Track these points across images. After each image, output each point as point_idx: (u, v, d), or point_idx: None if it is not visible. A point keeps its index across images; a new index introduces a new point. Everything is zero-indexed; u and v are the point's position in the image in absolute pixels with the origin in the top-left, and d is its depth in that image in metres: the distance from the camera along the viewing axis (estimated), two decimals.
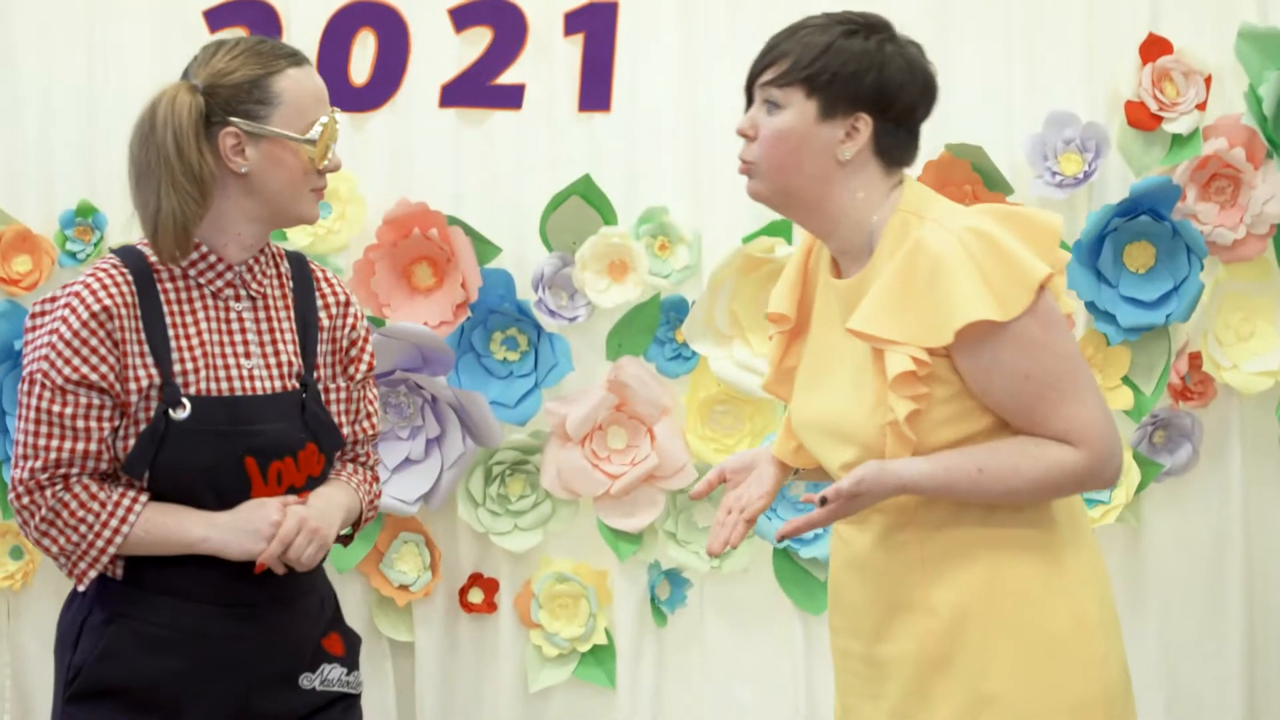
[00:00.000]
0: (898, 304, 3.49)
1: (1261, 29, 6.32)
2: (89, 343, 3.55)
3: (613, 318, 6.45)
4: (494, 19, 6.45)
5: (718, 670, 6.58)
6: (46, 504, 3.58)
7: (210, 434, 3.60)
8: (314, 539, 3.63)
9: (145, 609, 3.64)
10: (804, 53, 3.64)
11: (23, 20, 6.36)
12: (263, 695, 3.71)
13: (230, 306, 3.70)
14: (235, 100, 3.65)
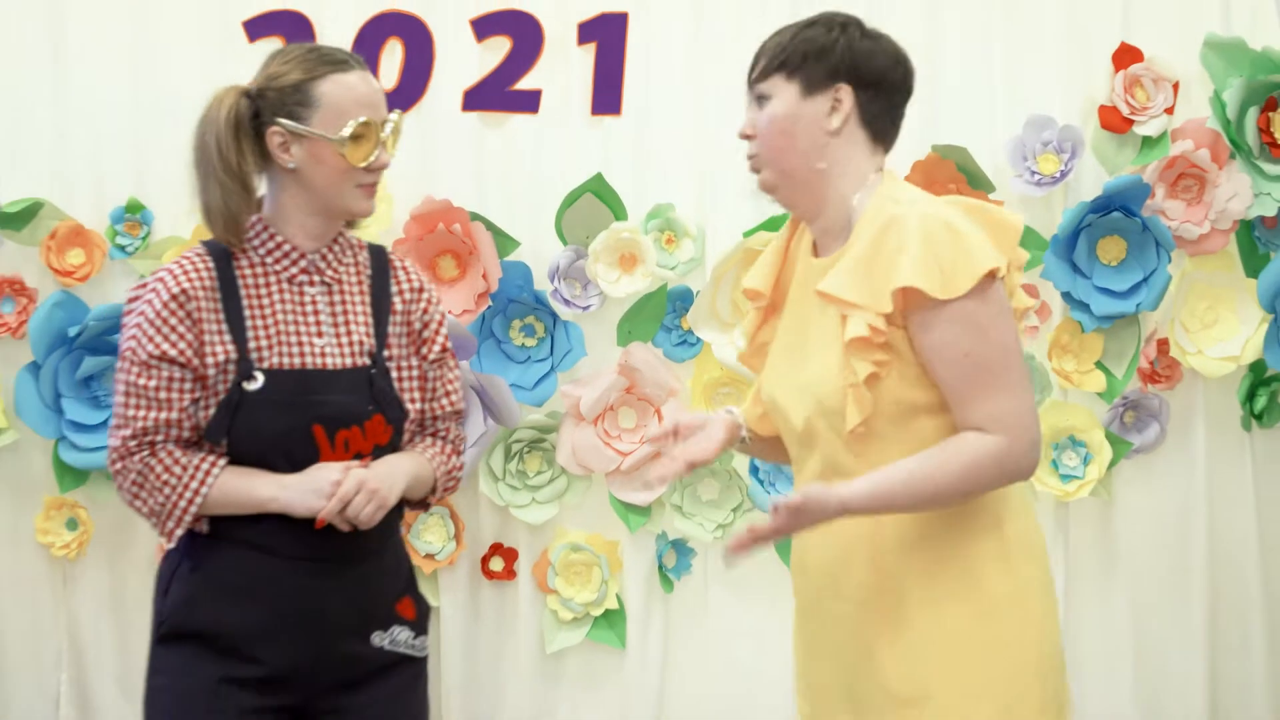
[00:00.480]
0: (863, 272, 3.55)
1: (1225, 39, 6.42)
2: (169, 322, 3.65)
3: (623, 306, 6.56)
4: (512, 29, 6.54)
5: (720, 631, 6.70)
6: (136, 469, 3.67)
7: (281, 404, 3.69)
8: (373, 499, 3.67)
9: (227, 561, 3.72)
10: (775, 46, 3.77)
11: (74, 29, 6.45)
12: (334, 646, 3.77)
13: (305, 290, 3.78)
14: (281, 102, 3.74)
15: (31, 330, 6.37)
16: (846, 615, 3.66)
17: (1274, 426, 6.65)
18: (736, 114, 6.39)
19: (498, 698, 6.74)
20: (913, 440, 3.58)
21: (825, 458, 3.67)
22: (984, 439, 3.49)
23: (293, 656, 3.73)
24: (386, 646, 3.82)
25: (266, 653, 3.71)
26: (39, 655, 6.64)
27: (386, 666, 3.85)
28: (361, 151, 3.76)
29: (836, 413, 3.58)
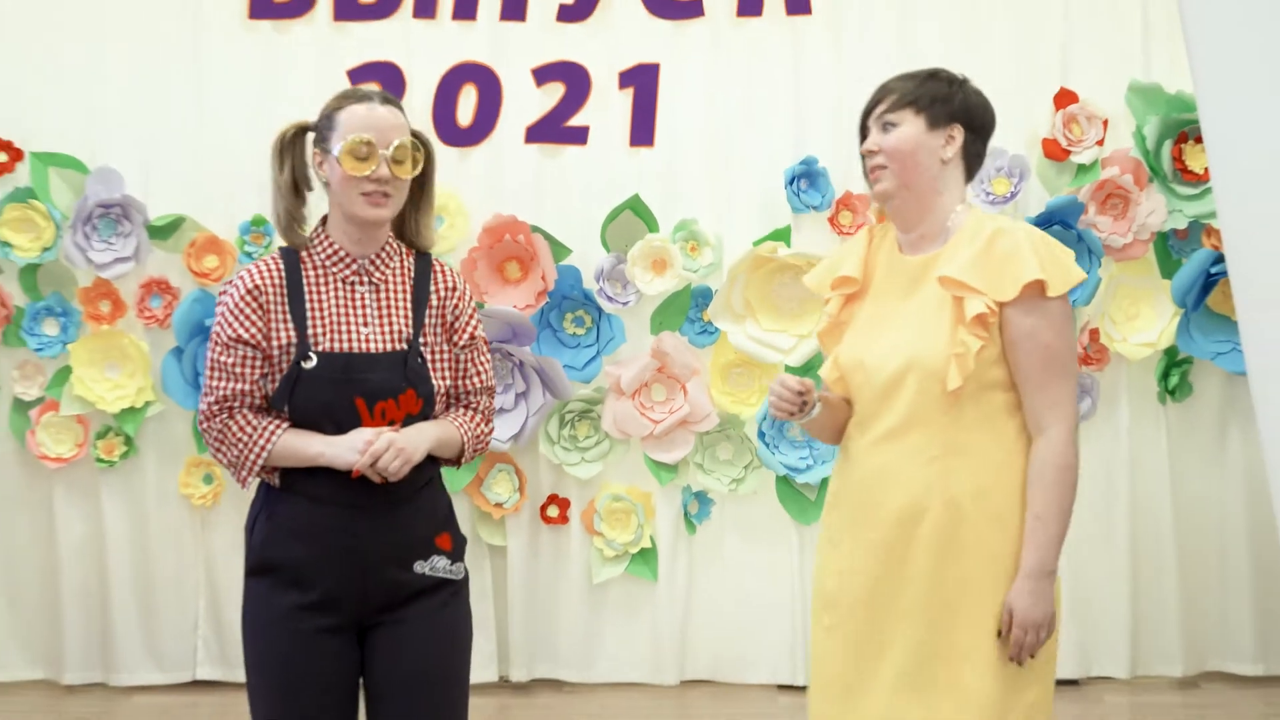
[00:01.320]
0: (980, 267, 3.76)
1: (1145, 84, 6.84)
2: (244, 311, 3.86)
3: (655, 302, 7.02)
4: (566, 76, 6.99)
5: (734, 567, 7.15)
6: (217, 428, 3.89)
7: (330, 380, 3.87)
8: (399, 455, 3.81)
9: (291, 508, 3.91)
10: (905, 89, 3.97)
11: (212, 76, 6.92)
12: (377, 574, 3.91)
13: (355, 289, 3.93)
14: (320, 129, 3.97)
15: (175, 322, 6.81)
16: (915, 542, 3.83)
17: (1184, 400, 7.02)
18: (748, 146, 6.99)
19: (554, 619, 7.15)
20: (985, 406, 3.83)
21: (907, 411, 3.85)
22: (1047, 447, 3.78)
23: (342, 584, 3.89)
24: (427, 572, 3.95)
25: (323, 581, 3.88)
26: (181, 586, 7.07)
27: (429, 588, 3.97)
28: (361, 165, 3.86)
29: (933, 374, 3.79)
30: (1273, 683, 7.09)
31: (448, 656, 4.03)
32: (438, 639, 3.99)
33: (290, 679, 3.88)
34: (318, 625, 3.88)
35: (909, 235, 3.97)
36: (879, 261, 4.04)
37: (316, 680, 3.90)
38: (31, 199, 6.87)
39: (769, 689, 7.16)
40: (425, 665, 3.96)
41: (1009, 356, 3.81)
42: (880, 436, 3.89)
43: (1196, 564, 7.15)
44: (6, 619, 7.18)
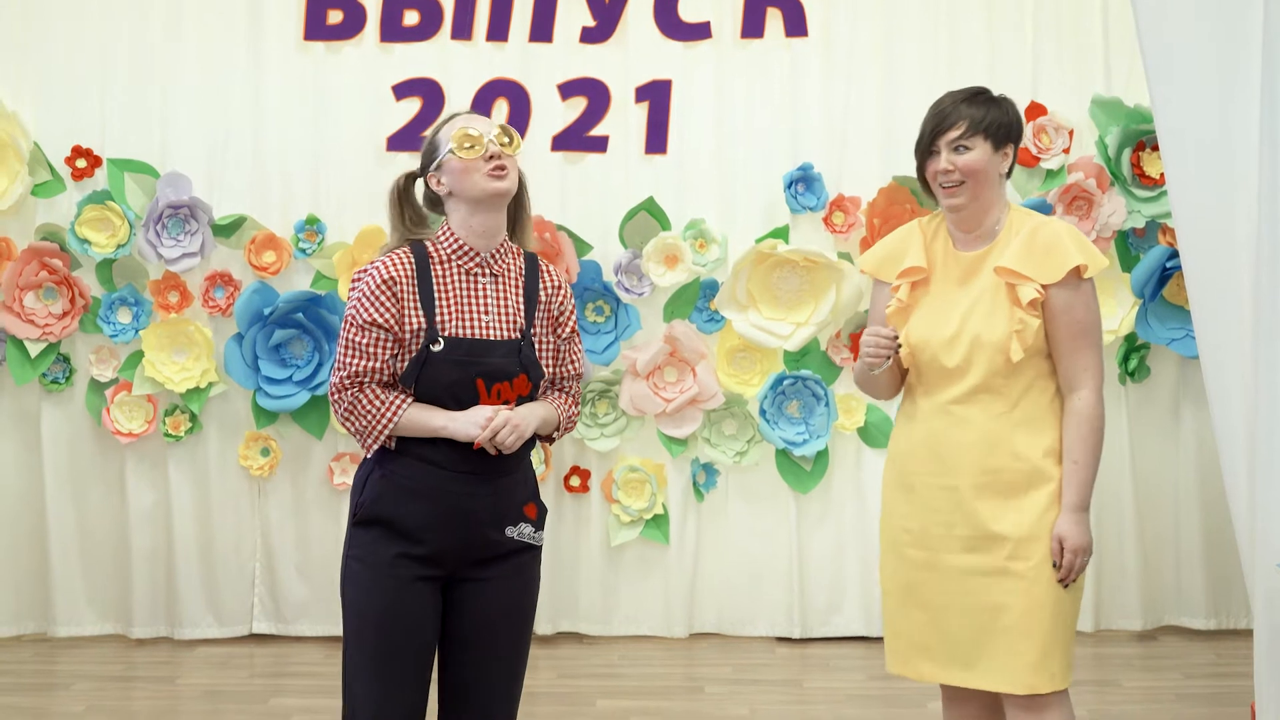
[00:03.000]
0: (1028, 257, 4.01)
1: (1107, 98, 6.98)
2: (379, 298, 3.89)
3: (667, 294, 7.13)
4: (588, 91, 7.13)
5: (738, 531, 7.26)
6: (348, 400, 3.92)
7: (455, 362, 3.91)
8: (514, 431, 3.86)
9: (407, 469, 3.94)
10: (974, 115, 4.08)
11: (270, 89, 7.05)
12: (479, 534, 3.94)
13: (478, 280, 3.97)
14: (427, 155, 4.03)
15: (236, 310, 6.93)
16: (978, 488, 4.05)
17: (1142, 382, 7.13)
18: (750, 153, 7.05)
19: (575, 578, 7.25)
20: (1032, 371, 4.05)
21: (977, 381, 4.06)
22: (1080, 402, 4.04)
23: (448, 540, 3.92)
24: (515, 536, 3.98)
25: (430, 536, 3.91)
26: (240, 548, 7.18)
27: (513, 551, 4.00)
28: (472, 151, 3.92)
29: (998, 348, 4.02)
30: (1222, 636, 7.18)
31: (520, 612, 4.07)
32: (515, 597, 4.04)
33: (387, 620, 3.92)
34: (417, 574, 3.92)
35: (968, 235, 4.15)
36: (936, 253, 4.20)
37: (410, 623, 3.94)
38: (108, 201, 6.98)
39: (768, 640, 7.25)
40: (502, 619, 4.01)
41: (1048, 328, 4.05)
42: (950, 400, 4.11)
43: (1153, 529, 7.26)
44: (82, 579, 7.26)
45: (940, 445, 4.13)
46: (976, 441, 4.07)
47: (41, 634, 7.32)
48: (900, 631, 4.25)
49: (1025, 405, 4.07)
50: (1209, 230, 5.02)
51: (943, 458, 4.12)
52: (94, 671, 6.78)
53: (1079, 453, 4.05)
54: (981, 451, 4.07)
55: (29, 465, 7.26)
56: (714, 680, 6.66)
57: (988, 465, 4.07)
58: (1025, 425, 4.06)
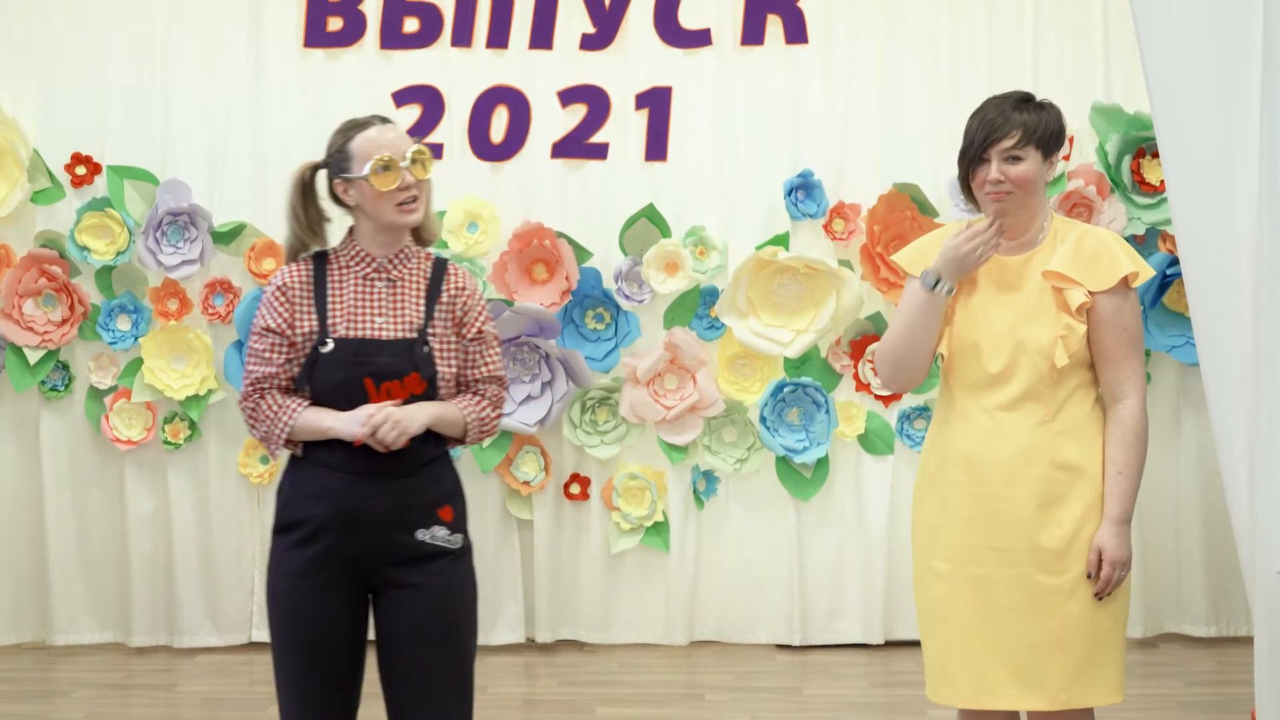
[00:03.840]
0: (1076, 263, 4.01)
1: (1107, 105, 7.00)
2: (273, 304, 3.98)
3: (668, 300, 7.15)
4: (588, 98, 7.15)
5: (737, 538, 7.27)
6: (250, 407, 3.99)
7: (343, 362, 3.94)
8: (395, 428, 3.86)
9: (310, 474, 3.97)
10: (1027, 126, 4.05)
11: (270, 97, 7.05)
12: (384, 538, 3.94)
13: (374, 284, 3.99)
14: (336, 164, 4.02)
15: (236, 317, 6.93)
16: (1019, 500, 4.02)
17: None
18: (750, 160, 7.07)
19: (575, 586, 7.26)
20: (1075, 379, 4.03)
21: (1024, 387, 4.02)
22: (1126, 411, 4.03)
23: (352, 544, 3.93)
24: (427, 540, 3.97)
25: (334, 540, 3.93)
26: (239, 556, 7.19)
27: (430, 554, 3.99)
28: (387, 178, 3.93)
29: (1043, 353, 3.98)
30: (1223, 643, 7.19)
31: (445, 617, 4.03)
32: (436, 601, 4.01)
33: (298, 628, 3.96)
34: (326, 580, 3.94)
35: (1011, 241, 4.12)
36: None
37: (320, 630, 3.96)
38: (108, 208, 7.02)
39: (768, 648, 7.25)
40: (424, 623, 3.99)
41: (1093, 336, 4.04)
42: (994, 406, 4.06)
43: (1155, 537, 7.24)
44: (81, 587, 7.27)
45: (979, 453, 4.09)
46: (1016, 452, 4.04)
47: (40, 642, 7.32)
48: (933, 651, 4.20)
49: (1067, 414, 4.05)
50: (1209, 237, 4.96)
51: (981, 467, 4.09)
52: (93, 679, 6.79)
53: (1124, 463, 4.03)
54: (1021, 461, 4.04)
55: (28, 472, 7.27)
56: (714, 688, 6.66)
57: (1025, 475, 4.04)
58: (1067, 434, 4.04)
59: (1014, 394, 4.04)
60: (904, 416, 7.22)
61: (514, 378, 7.07)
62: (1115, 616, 4.09)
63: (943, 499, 4.15)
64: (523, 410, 7.07)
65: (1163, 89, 5.01)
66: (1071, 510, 4.02)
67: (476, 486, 7.15)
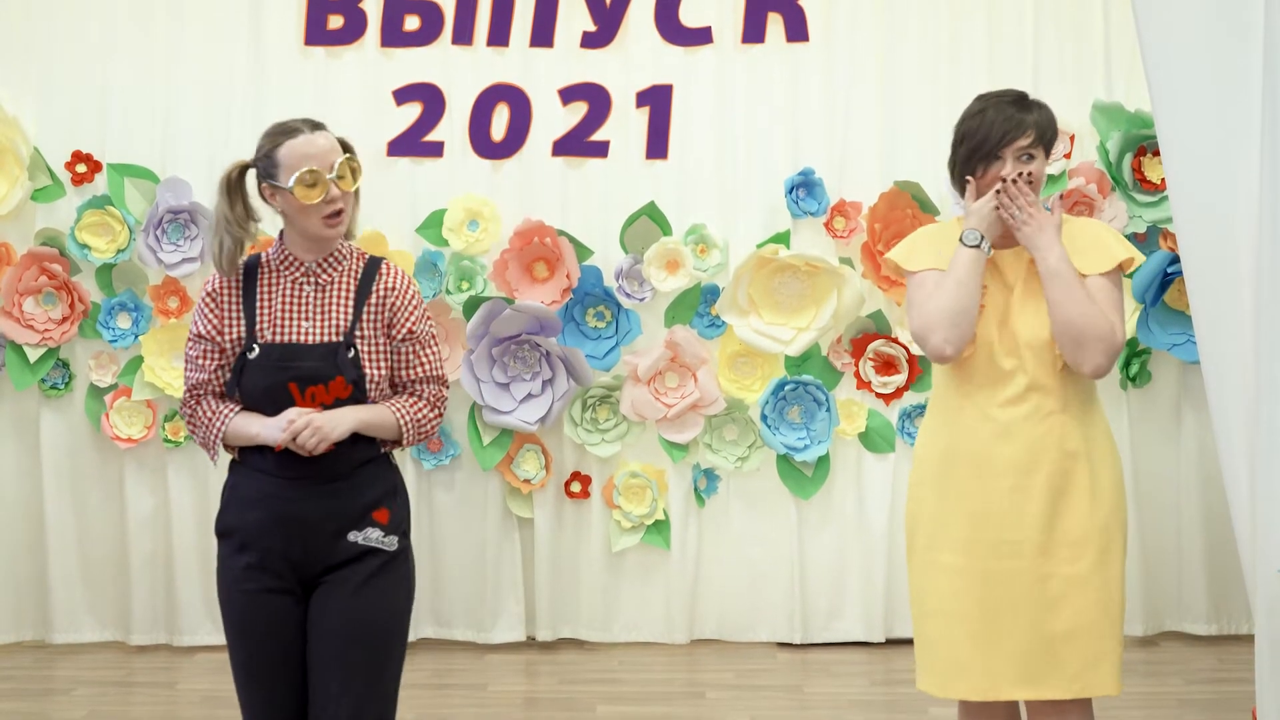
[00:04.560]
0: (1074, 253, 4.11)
1: (1108, 103, 7.03)
2: (204, 311, 4.01)
3: (668, 299, 7.17)
4: (589, 96, 7.18)
5: (739, 537, 7.30)
6: (187, 414, 4.04)
7: (268, 367, 3.95)
8: (316, 434, 3.87)
9: (245, 479, 4.01)
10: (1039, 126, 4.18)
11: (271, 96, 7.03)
12: (318, 542, 3.97)
13: (302, 288, 4.00)
14: (263, 169, 3.99)
15: None
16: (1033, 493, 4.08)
17: (1143, 387, 7.16)
18: (751, 158, 7.10)
19: (576, 585, 7.30)
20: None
21: (1028, 380, 4.10)
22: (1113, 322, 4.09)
23: (288, 547, 3.96)
24: (360, 541, 3.98)
25: (268, 544, 3.96)
26: None
27: (362, 555, 4.00)
28: (312, 192, 3.91)
29: (1045, 346, 4.09)
30: (1224, 641, 7.21)
31: (368, 620, 4.00)
32: (360, 598, 3.99)
33: (243, 631, 4.00)
34: (264, 585, 3.96)
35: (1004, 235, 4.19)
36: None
37: (261, 633, 3.97)
38: (108, 206, 7.05)
39: (769, 646, 7.28)
40: (351, 623, 3.98)
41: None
42: (1002, 402, 4.11)
43: (1155, 535, 7.28)
44: (81, 586, 7.30)
45: (987, 452, 4.13)
46: (1027, 446, 4.09)
47: (40, 641, 7.36)
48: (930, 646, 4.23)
49: (1073, 399, 4.12)
50: (1210, 235, 4.99)
51: (990, 464, 4.13)
52: (93, 677, 6.82)
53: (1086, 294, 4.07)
54: (1032, 455, 4.09)
55: (28, 471, 7.31)
56: (715, 686, 6.68)
57: (1037, 468, 4.08)
58: (1074, 420, 4.11)
59: (1022, 387, 4.10)
60: (905, 414, 7.25)
61: (515, 376, 7.09)
62: (1118, 608, 4.12)
63: (943, 493, 4.19)
64: (523, 408, 7.10)
65: (1163, 87, 5.02)
66: (1079, 497, 4.08)
67: (477, 485, 7.28)
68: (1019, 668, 4.09)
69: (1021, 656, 4.08)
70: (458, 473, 7.32)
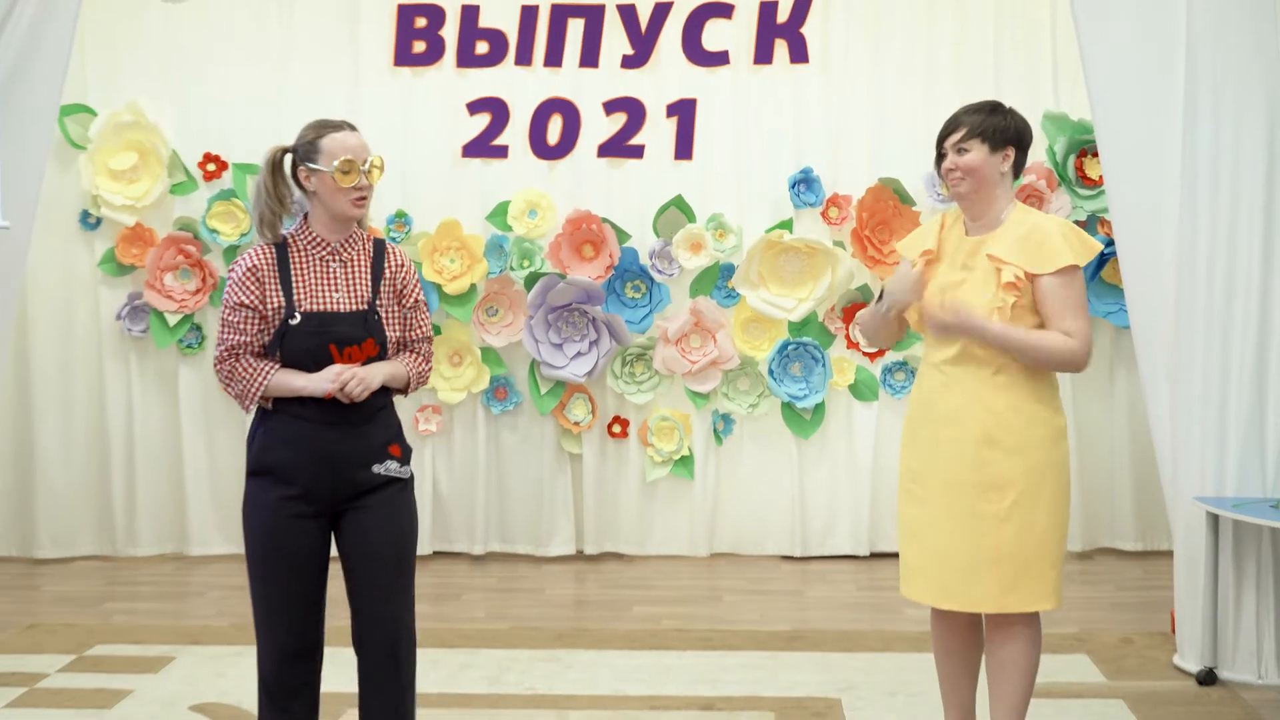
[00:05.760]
0: (1021, 249, 3.91)
1: (1055, 113, 7.01)
2: (245, 284, 3.83)
3: (693, 274, 7.18)
4: (627, 108, 7.18)
5: (750, 470, 7.32)
6: (226, 369, 3.85)
7: (310, 331, 3.84)
8: (360, 384, 3.79)
9: (283, 424, 3.86)
10: (973, 122, 4.03)
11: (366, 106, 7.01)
12: (348, 474, 3.87)
13: (329, 265, 3.88)
14: (305, 153, 3.87)
15: None
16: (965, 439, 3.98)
17: None
18: (761, 159, 7.03)
19: (616, 509, 7.33)
20: None
21: (960, 348, 3.98)
22: (1068, 340, 3.89)
23: (321, 480, 3.85)
24: (382, 472, 3.90)
25: (304, 479, 3.84)
26: None
27: (384, 484, 3.92)
28: (347, 178, 3.82)
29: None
30: (1148, 556, 7.22)
31: (397, 533, 3.97)
32: (390, 520, 3.95)
33: (274, 555, 3.87)
34: (296, 512, 3.85)
35: (975, 223, 4.08)
36: (949, 239, 4.14)
37: (292, 554, 3.86)
38: (233, 198, 7.10)
39: (774, 559, 7.29)
40: (380, 538, 3.93)
41: (1041, 310, 3.94)
42: (945, 360, 4.04)
43: (1092, 470, 7.27)
44: (211, 507, 7.37)
45: (935, 398, 4.08)
46: (961, 398, 4.01)
47: (179, 553, 7.43)
48: (904, 558, 4.21)
49: (1006, 371, 3.96)
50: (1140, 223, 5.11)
51: (936, 409, 4.08)
52: (222, 583, 6.88)
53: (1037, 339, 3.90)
54: (965, 406, 4.00)
55: (168, 414, 7.38)
56: (730, 590, 6.69)
57: (968, 418, 4.00)
58: (1006, 388, 3.97)
59: (956, 352, 4.01)
60: (886, 369, 7.24)
61: (566, 337, 7.11)
62: (1045, 540, 4.02)
63: (913, 434, 4.16)
64: (574, 364, 7.12)
65: (1102, 101, 5.14)
66: (1007, 448, 3.97)
67: (535, 427, 7.31)
68: (953, 583, 4.06)
69: (960, 575, 4.04)
70: (520, 417, 7.33)
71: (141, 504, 7.40)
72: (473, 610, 6.38)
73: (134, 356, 7.35)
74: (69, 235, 7.26)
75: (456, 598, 6.59)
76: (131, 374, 7.35)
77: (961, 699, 4.33)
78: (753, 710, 4.95)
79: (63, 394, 7.35)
